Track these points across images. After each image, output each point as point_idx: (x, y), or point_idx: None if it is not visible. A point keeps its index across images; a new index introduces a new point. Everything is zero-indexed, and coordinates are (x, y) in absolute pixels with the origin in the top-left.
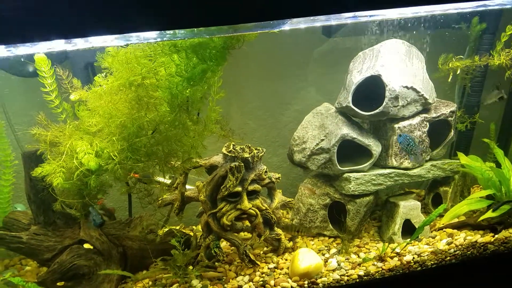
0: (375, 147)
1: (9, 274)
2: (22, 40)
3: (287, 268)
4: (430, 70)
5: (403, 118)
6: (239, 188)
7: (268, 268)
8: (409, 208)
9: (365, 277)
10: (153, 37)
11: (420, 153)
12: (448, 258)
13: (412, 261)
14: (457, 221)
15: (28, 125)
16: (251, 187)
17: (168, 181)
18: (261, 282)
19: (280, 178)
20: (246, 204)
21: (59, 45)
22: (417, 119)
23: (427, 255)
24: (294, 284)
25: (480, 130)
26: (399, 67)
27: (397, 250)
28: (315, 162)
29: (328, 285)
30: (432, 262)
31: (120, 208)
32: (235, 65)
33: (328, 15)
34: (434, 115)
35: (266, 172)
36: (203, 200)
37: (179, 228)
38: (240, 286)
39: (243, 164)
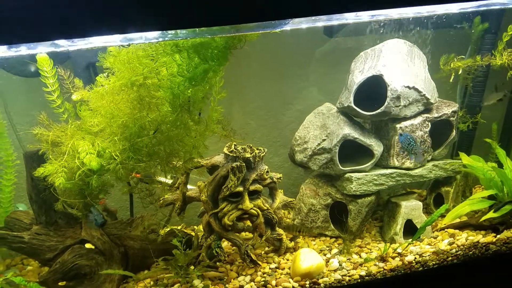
0: (377, 147)
1: (10, 273)
2: (23, 40)
3: (289, 268)
4: (432, 70)
5: (405, 118)
6: (240, 188)
7: (270, 268)
8: (410, 208)
9: (367, 277)
10: (155, 37)
11: (422, 153)
12: (450, 258)
13: (413, 261)
14: (459, 221)
15: (30, 125)
16: (252, 187)
17: (169, 181)
18: (263, 282)
19: (281, 178)
20: (248, 204)
21: (60, 44)
22: (419, 119)
23: (429, 255)
24: (296, 284)
25: (482, 130)
26: (401, 67)
27: (399, 250)
28: (316, 162)
29: (329, 285)
30: (434, 263)
31: (122, 208)
32: (237, 65)
33: (329, 15)
34: (436, 115)
35: (267, 172)
36: (204, 200)
37: (180, 228)
38: (241, 286)
39: (244, 164)
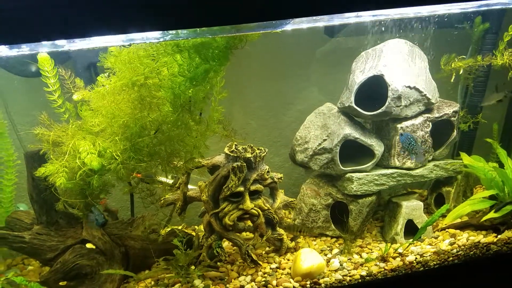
0: (378, 147)
1: (11, 273)
2: (24, 40)
3: (289, 268)
4: (433, 70)
5: (406, 118)
6: (241, 188)
7: (270, 268)
8: (411, 208)
9: (368, 278)
10: (156, 37)
11: (423, 153)
12: (451, 258)
13: (414, 261)
14: (460, 222)
15: (30, 125)
16: (253, 187)
17: (170, 181)
18: (263, 282)
19: (282, 178)
20: (248, 204)
21: (61, 44)
22: (420, 119)
23: (430, 255)
24: (296, 284)
25: (483, 130)
26: (402, 67)
27: (400, 250)
28: (317, 162)
29: (330, 285)
30: (435, 263)
31: (123, 208)
32: (238, 65)
33: (329, 15)
34: (437, 115)
35: (268, 172)
36: (205, 200)
37: (181, 228)
38: (242, 286)
39: (245, 164)
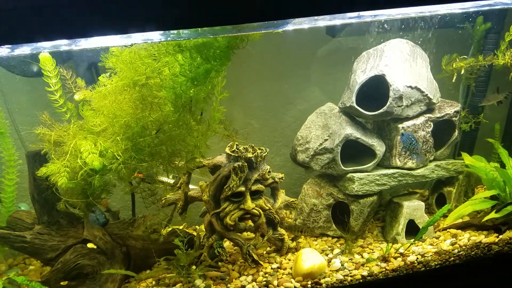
0: (379, 147)
1: (13, 273)
2: (24, 40)
3: (290, 268)
4: (434, 70)
5: (407, 118)
6: (242, 188)
7: (271, 268)
8: (412, 208)
9: (369, 278)
10: (157, 37)
11: (424, 153)
12: (452, 258)
13: (415, 261)
14: (461, 222)
15: (32, 125)
16: (254, 187)
17: (171, 181)
18: (264, 282)
19: (283, 178)
20: (249, 204)
21: (62, 44)
22: (421, 119)
23: (431, 255)
24: (298, 284)
25: (484, 130)
26: (403, 67)
27: (401, 250)
28: (318, 162)
29: (331, 286)
30: (436, 263)
31: (124, 207)
32: (239, 65)
33: (330, 15)
34: (438, 115)
35: (269, 172)
36: (206, 200)
37: (182, 227)
38: (243, 286)
39: (246, 164)
